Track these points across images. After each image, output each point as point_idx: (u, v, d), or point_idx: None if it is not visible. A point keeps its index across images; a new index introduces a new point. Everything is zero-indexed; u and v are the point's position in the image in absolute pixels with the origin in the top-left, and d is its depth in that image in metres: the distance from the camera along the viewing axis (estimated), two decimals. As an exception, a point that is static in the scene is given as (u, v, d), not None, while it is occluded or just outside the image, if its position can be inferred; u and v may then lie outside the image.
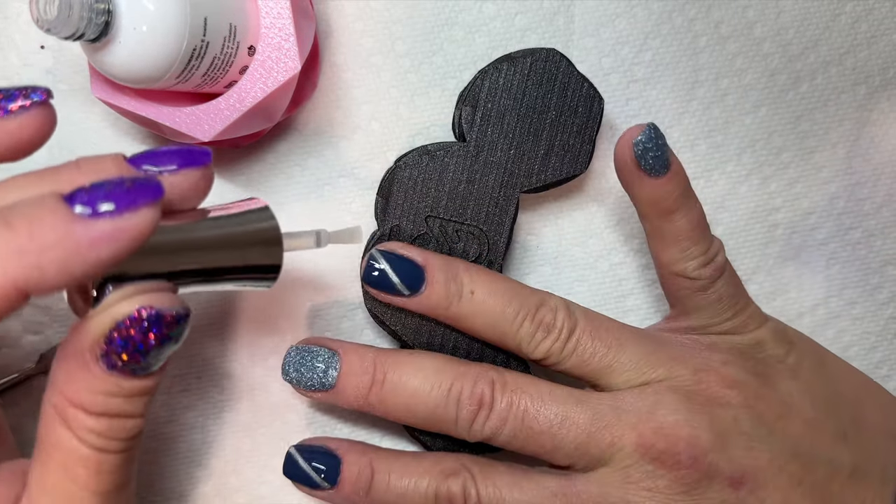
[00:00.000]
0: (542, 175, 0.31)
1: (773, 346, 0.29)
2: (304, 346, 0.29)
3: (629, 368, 0.28)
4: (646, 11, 0.33)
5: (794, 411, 0.28)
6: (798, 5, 0.33)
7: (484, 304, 0.29)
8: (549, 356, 0.29)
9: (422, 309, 0.29)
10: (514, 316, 0.29)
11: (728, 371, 0.28)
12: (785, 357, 0.29)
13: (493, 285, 0.29)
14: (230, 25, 0.26)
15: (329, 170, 0.33)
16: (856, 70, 0.34)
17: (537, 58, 0.30)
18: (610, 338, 0.28)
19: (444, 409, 0.28)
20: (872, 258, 0.35)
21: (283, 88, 0.28)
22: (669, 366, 0.28)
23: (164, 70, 0.24)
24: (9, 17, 0.32)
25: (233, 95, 0.27)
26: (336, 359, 0.29)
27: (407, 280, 0.29)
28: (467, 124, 0.31)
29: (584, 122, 0.31)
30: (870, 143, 0.34)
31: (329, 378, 0.29)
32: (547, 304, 0.29)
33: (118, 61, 0.24)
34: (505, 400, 0.28)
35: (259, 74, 0.27)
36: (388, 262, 0.29)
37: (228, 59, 0.26)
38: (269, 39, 0.27)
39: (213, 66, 0.26)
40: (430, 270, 0.29)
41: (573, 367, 0.29)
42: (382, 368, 0.29)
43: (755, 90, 0.34)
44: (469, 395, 0.28)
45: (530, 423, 0.28)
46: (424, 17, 0.32)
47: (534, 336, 0.28)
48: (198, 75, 0.26)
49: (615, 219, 0.34)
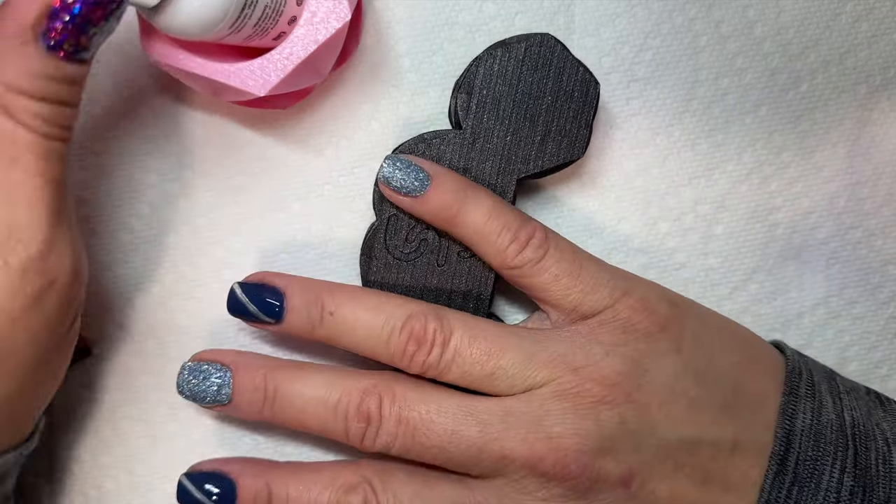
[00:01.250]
0: (539, 161, 0.31)
1: (647, 318, 0.29)
2: (196, 363, 0.29)
3: (512, 374, 0.28)
4: (646, 11, 0.33)
5: (677, 394, 0.28)
6: (798, 5, 0.33)
7: (346, 322, 0.29)
8: (426, 370, 0.28)
9: (290, 335, 0.30)
10: (379, 330, 0.28)
11: (610, 364, 0.28)
12: (664, 328, 0.29)
13: (355, 302, 0.29)
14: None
15: (329, 170, 0.33)
16: (856, 69, 0.34)
17: (532, 43, 0.30)
18: (488, 344, 0.28)
19: (333, 423, 0.28)
20: (873, 257, 0.35)
21: (335, 38, 0.28)
22: (551, 367, 0.28)
23: (220, 17, 0.25)
24: (8, 16, 0.32)
25: (286, 47, 0.27)
26: (229, 375, 0.29)
27: (265, 309, 0.29)
28: (463, 112, 0.31)
29: (581, 106, 0.31)
30: (870, 143, 0.34)
31: (223, 395, 0.29)
32: (416, 316, 0.28)
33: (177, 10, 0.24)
34: (393, 416, 0.28)
35: (310, 25, 0.27)
36: (245, 292, 0.29)
37: (279, 7, 0.27)
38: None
39: (264, 15, 0.26)
40: (288, 297, 0.29)
41: (456, 378, 0.28)
42: (273, 383, 0.29)
43: (755, 89, 0.34)
44: (356, 411, 0.28)
45: (420, 440, 0.28)
46: (424, 17, 0.32)
47: (405, 350, 0.28)
48: (249, 24, 0.26)
49: (615, 218, 0.34)
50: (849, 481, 0.28)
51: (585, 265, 0.29)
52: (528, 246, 0.29)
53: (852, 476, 0.28)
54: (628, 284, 0.30)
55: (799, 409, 0.29)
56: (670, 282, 0.34)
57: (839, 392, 0.30)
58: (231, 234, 0.33)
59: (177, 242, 0.33)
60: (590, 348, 0.28)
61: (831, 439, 0.29)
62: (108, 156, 0.32)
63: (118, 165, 0.32)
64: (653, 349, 0.29)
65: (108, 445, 0.32)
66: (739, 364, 0.30)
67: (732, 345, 0.31)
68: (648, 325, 0.29)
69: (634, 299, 0.29)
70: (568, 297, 0.29)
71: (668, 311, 0.29)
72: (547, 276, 0.29)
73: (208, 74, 0.27)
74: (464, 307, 0.31)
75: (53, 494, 0.32)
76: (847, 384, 0.31)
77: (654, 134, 0.34)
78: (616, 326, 0.29)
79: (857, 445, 0.29)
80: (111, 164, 0.32)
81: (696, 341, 0.30)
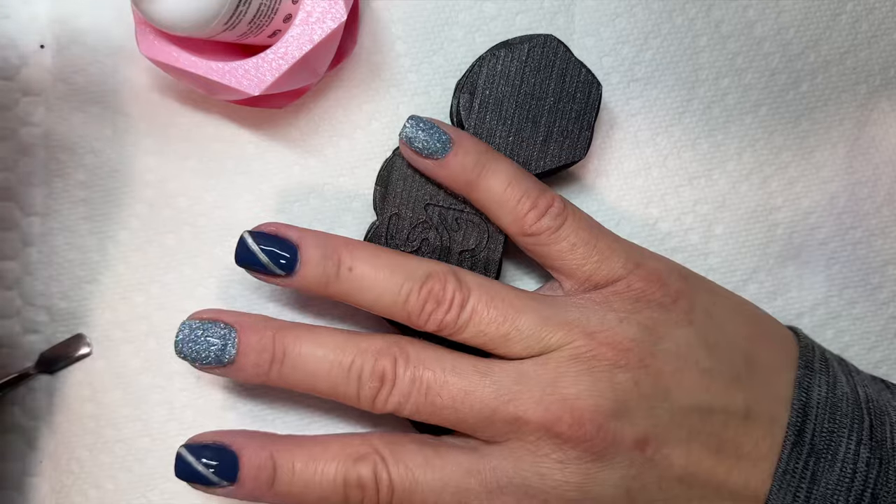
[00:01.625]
0: (540, 162, 0.31)
1: (660, 290, 0.29)
2: (198, 320, 0.28)
3: (527, 335, 0.28)
4: (646, 11, 0.33)
5: (689, 363, 0.28)
6: (798, 5, 0.33)
7: (364, 279, 0.28)
8: (443, 328, 0.28)
9: (300, 289, 0.29)
10: (398, 289, 0.28)
11: (624, 330, 0.28)
12: (676, 300, 0.29)
13: (375, 259, 0.28)
14: None
15: (329, 170, 0.33)
16: (856, 69, 0.34)
17: (535, 44, 0.30)
18: (505, 306, 0.28)
19: (345, 385, 0.28)
20: (873, 258, 0.35)
21: (330, 38, 0.28)
22: (566, 330, 0.28)
23: (215, 14, 0.24)
24: (9, 16, 0.31)
25: (281, 46, 0.27)
26: (233, 334, 0.28)
27: (277, 260, 0.28)
28: (465, 111, 0.31)
29: (583, 108, 0.31)
30: (870, 143, 0.34)
31: (227, 355, 0.27)
32: (435, 275, 0.28)
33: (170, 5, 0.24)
34: (407, 375, 0.27)
35: (306, 24, 0.27)
36: (256, 241, 0.28)
37: (274, 4, 0.26)
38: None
39: (259, 13, 0.26)
40: (303, 249, 0.28)
41: (470, 337, 0.28)
42: (282, 345, 0.28)
43: (755, 89, 0.34)
44: (370, 372, 0.27)
45: (433, 399, 0.27)
46: (424, 17, 0.32)
47: (423, 308, 0.28)
48: (244, 22, 0.26)
49: (616, 218, 0.34)
50: (865, 453, 0.28)
51: (601, 236, 0.29)
52: (547, 214, 0.29)
53: (868, 448, 0.28)
54: (641, 257, 0.30)
55: (814, 383, 0.29)
56: (670, 282, 0.34)
57: (849, 371, 0.31)
58: (231, 234, 0.33)
59: (177, 242, 0.33)
60: (604, 314, 0.28)
61: (847, 412, 0.29)
62: (108, 155, 0.32)
63: (118, 165, 0.32)
64: (666, 319, 0.29)
65: (108, 445, 0.32)
66: (750, 337, 0.30)
67: (744, 319, 0.31)
68: (661, 297, 0.29)
69: (647, 271, 0.29)
70: (583, 267, 0.29)
71: (681, 285, 0.30)
72: (564, 245, 0.29)
73: (203, 73, 0.27)
74: None
75: (53, 494, 0.32)
76: (855, 368, 0.32)
77: (654, 134, 0.34)
78: (630, 296, 0.29)
79: (871, 418, 0.29)
80: (111, 163, 0.32)
81: (707, 314, 0.30)
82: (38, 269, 0.32)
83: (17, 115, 0.32)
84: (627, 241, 0.30)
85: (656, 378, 0.28)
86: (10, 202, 0.32)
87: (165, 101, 0.32)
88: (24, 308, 0.32)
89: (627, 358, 0.28)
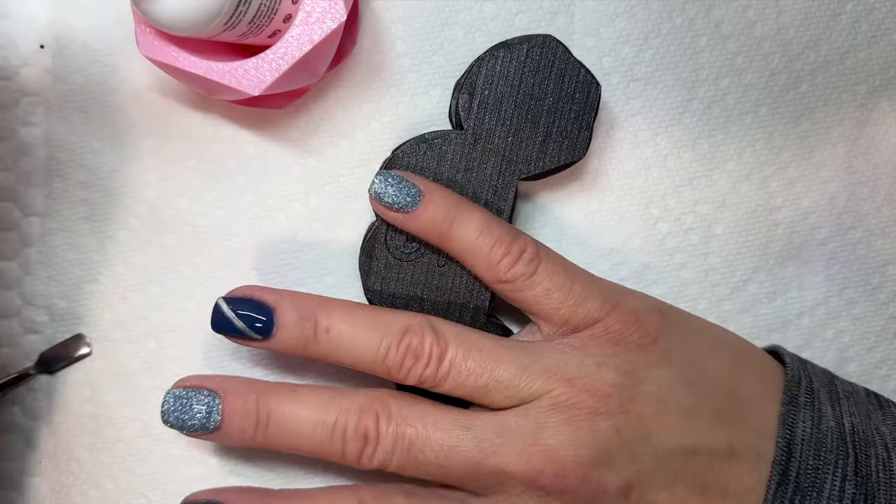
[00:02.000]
0: (540, 162, 0.31)
1: (638, 330, 0.29)
2: (182, 389, 0.28)
3: (507, 385, 0.28)
4: (646, 11, 0.33)
5: (671, 403, 0.28)
6: (798, 5, 0.33)
7: (342, 339, 0.28)
8: (423, 382, 0.28)
9: (279, 352, 0.29)
10: (377, 346, 0.28)
11: (602, 376, 0.28)
12: (655, 339, 0.29)
13: (352, 318, 0.29)
14: None
15: (329, 169, 0.33)
16: (856, 69, 0.34)
17: (534, 44, 0.30)
18: (483, 357, 0.28)
19: (329, 445, 0.28)
20: (873, 258, 0.35)
21: (330, 38, 0.28)
22: (545, 378, 0.28)
23: (215, 14, 0.24)
24: (9, 16, 0.31)
25: (280, 47, 0.27)
26: (217, 401, 0.28)
27: (252, 324, 0.28)
28: (464, 112, 0.31)
29: (582, 108, 0.31)
30: (870, 143, 0.34)
31: (212, 422, 0.28)
32: (412, 330, 0.28)
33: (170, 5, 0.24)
34: (390, 433, 0.28)
35: (306, 25, 0.27)
36: (231, 307, 0.28)
37: (274, 5, 0.26)
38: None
39: (259, 13, 0.26)
40: (279, 312, 0.28)
41: (450, 390, 0.28)
42: (266, 408, 0.28)
43: (755, 89, 0.34)
44: (353, 431, 0.28)
45: (416, 455, 0.28)
46: (424, 17, 0.32)
47: (402, 363, 0.28)
48: (244, 22, 0.26)
49: (615, 219, 0.34)
50: (850, 489, 0.28)
51: (577, 279, 0.29)
52: (520, 260, 0.29)
53: (853, 484, 0.28)
54: (618, 297, 0.30)
55: (799, 419, 0.29)
56: (670, 281, 0.34)
57: (838, 398, 0.30)
58: (231, 235, 0.33)
59: (177, 242, 0.33)
60: (582, 360, 0.28)
61: (832, 448, 0.29)
62: (108, 155, 0.32)
63: (118, 165, 0.32)
64: (645, 360, 0.29)
65: (108, 445, 0.32)
66: (732, 371, 0.30)
67: (724, 352, 0.31)
68: (639, 338, 0.29)
69: (625, 312, 0.29)
70: (560, 311, 0.29)
71: (659, 322, 0.29)
72: (539, 290, 0.29)
73: (203, 73, 0.27)
74: (464, 308, 0.31)
75: (53, 494, 0.32)
76: (846, 388, 0.31)
77: (654, 134, 0.34)
78: (608, 339, 0.29)
79: (857, 453, 0.29)
80: (111, 163, 0.32)
81: (686, 351, 0.30)
82: (37, 269, 0.32)
83: (17, 115, 0.32)
84: (603, 281, 0.30)
85: (637, 423, 0.28)
86: (10, 202, 0.32)
87: (165, 101, 0.32)
88: (24, 308, 0.32)
89: (608, 404, 0.28)
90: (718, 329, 0.32)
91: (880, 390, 0.34)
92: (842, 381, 0.32)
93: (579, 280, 0.29)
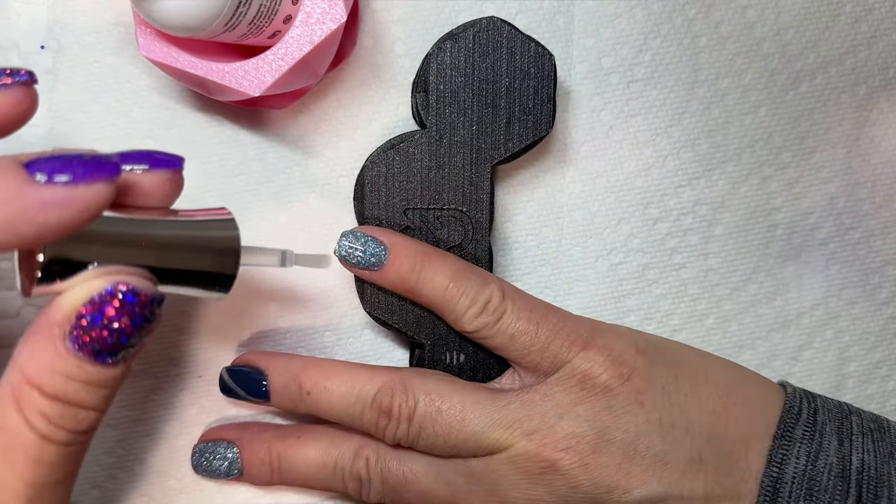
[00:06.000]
0: (508, 144, 0.31)
1: (608, 371, 0.28)
2: (204, 444, 0.31)
3: (472, 445, 0.28)
4: (646, 12, 0.33)
5: (639, 451, 0.28)
6: (798, 5, 0.34)
7: (321, 402, 0.30)
8: (399, 441, 0.29)
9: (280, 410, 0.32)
10: (353, 409, 0.29)
11: (563, 427, 0.28)
12: (628, 379, 0.28)
13: (327, 382, 0.30)
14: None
15: (329, 170, 0.33)
16: (855, 70, 0.34)
17: (479, 28, 0.30)
18: (450, 418, 0.28)
19: (333, 483, 0.30)
20: (872, 258, 0.35)
21: (330, 39, 0.28)
22: (509, 433, 0.28)
23: (215, 15, 0.24)
24: (9, 17, 0.32)
25: (281, 48, 0.27)
26: (235, 451, 0.31)
27: (251, 391, 0.31)
28: (424, 110, 0.31)
29: (539, 82, 0.31)
30: (869, 143, 0.34)
31: (234, 471, 0.31)
32: (384, 390, 0.29)
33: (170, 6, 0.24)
34: (377, 476, 0.30)
35: (306, 25, 0.27)
36: (232, 377, 0.31)
37: (274, 5, 0.27)
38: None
39: (259, 14, 0.26)
40: (270, 378, 0.30)
41: (425, 450, 0.29)
42: (277, 455, 0.30)
43: (755, 90, 0.34)
44: (349, 473, 0.30)
45: (403, 495, 0.30)
46: (424, 17, 0.32)
47: (377, 424, 0.29)
48: (244, 22, 0.26)
49: (615, 219, 0.34)
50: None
51: (543, 322, 0.29)
52: (485, 311, 0.29)
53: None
54: (592, 334, 0.29)
55: (791, 454, 0.28)
56: (670, 281, 0.34)
57: (851, 433, 0.29)
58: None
59: (177, 243, 0.33)
60: (546, 411, 0.28)
61: (827, 486, 0.27)
62: (109, 156, 0.32)
63: (118, 166, 0.32)
64: (612, 404, 0.28)
65: (108, 445, 0.32)
66: (718, 409, 0.29)
67: (711, 389, 0.29)
68: (608, 379, 0.28)
69: (594, 352, 0.29)
70: (527, 357, 0.29)
71: (635, 361, 0.29)
72: (504, 337, 0.29)
73: (203, 73, 0.27)
74: None
75: (53, 495, 0.32)
76: (871, 424, 0.29)
77: (653, 134, 0.34)
78: (574, 384, 0.28)
79: (861, 491, 0.27)
80: (111, 164, 0.32)
81: (664, 392, 0.29)
82: (38, 269, 0.32)
83: (18, 116, 0.32)
84: (579, 319, 0.30)
85: (598, 475, 0.27)
86: (11, 202, 0.32)
87: (165, 101, 0.32)
88: (24, 308, 0.32)
89: (567, 457, 0.28)
90: (713, 361, 0.31)
91: (880, 390, 0.34)
92: (870, 416, 0.30)
93: (546, 323, 0.29)
